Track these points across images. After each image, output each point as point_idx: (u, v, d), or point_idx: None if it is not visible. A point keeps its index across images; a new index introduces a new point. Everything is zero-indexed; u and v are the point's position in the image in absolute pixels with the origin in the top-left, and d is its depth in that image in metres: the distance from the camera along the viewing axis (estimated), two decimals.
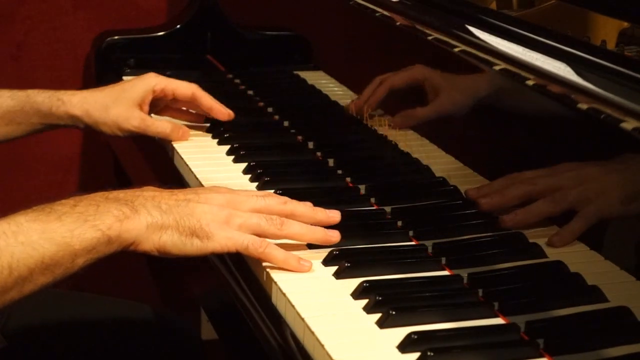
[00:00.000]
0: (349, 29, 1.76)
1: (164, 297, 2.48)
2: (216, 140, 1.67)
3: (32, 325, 1.60)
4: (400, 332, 1.06)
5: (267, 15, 2.10)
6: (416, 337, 1.04)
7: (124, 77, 2.11)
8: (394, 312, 1.09)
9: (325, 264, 1.23)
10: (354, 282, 1.17)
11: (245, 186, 1.47)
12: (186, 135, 1.67)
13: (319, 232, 1.25)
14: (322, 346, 1.05)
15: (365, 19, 1.65)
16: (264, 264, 1.22)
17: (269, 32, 2.07)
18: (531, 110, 1.29)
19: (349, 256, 1.23)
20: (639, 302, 1.10)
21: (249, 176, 1.51)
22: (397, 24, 1.55)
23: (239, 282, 1.26)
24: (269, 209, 1.25)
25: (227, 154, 1.61)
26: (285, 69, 1.98)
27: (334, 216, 1.28)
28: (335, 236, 1.25)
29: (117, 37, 2.21)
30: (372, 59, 1.67)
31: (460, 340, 1.06)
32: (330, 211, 1.28)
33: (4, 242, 1.11)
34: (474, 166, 1.42)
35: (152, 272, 2.46)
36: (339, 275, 1.20)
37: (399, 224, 1.35)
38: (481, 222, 1.32)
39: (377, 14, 1.60)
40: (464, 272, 1.20)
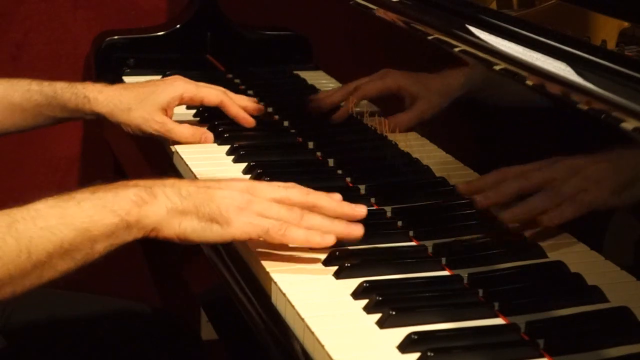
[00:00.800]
0: (349, 29, 1.76)
1: (163, 297, 2.48)
2: (216, 140, 1.67)
3: (32, 325, 1.60)
4: (400, 332, 1.06)
5: (267, 15, 2.09)
6: (416, 337, 1.04)
7: (124, 77, 2.11)
8: (394, 312, 1.09)
9: (325, 264, 1.23)
10: (354, 282, 1.17)
11: None
12: (209, 139, 1.66)
13: (339, 226, 1.23)
14: (322, 346, 1.05)
15: (365, 19, 1.65)
16: (264, 264, 1.22)
17: (268, 32, 2.07)
18: (530, 107, 1.29)
19: (349, 256, 1.23)
20: (639, 302, 1.10)
21: (249, 176, 1.51)
22: (397, 24, 1.55)
23: (238, 282, 1.26)
24: (291, 199, 1.24)
25: (227, 154, 1.61)
26: (285, 69, 1.97)
27: (361, 210, 1.26)
28: (358, 230, 1.23)
29: (117, 37, 2.21)
30: (372, 59, 1.67)
31: (460, 340, 1.06)
32: (357, 205, 1.26)
33: (23, 227, 1.12)
34: (475, 166, 1.41)
35: (152, 272, 2.46)
36: (339, 275, 1.20)
37: (399, 224, 1.35)
38: (481, 222, 1.32)
39: (377, 14, 1.60)
40: (464, 272, 1.20)
